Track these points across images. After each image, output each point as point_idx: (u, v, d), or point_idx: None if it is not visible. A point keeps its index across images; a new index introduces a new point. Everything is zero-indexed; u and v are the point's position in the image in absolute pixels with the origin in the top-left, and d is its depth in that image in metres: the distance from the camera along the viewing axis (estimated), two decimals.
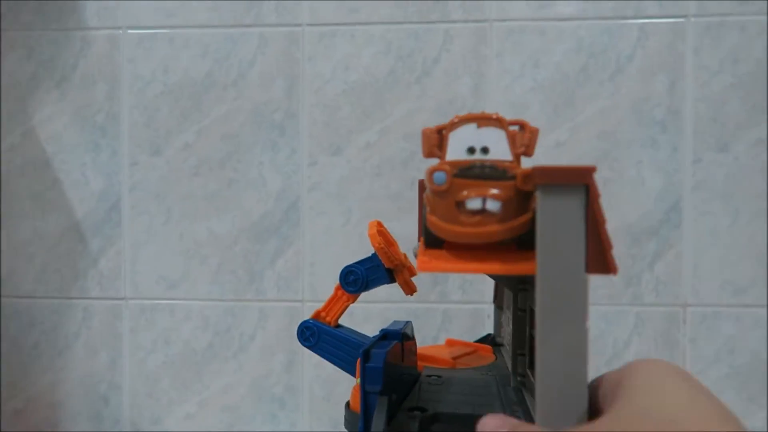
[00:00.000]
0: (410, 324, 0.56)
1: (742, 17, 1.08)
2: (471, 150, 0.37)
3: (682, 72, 1.09)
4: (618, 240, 1.09)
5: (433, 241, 0.37)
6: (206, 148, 1.16)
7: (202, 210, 1.16)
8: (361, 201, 1.14)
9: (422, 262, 0.36)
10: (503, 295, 0.67)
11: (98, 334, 1.18)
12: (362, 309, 1.12)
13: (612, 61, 1.10)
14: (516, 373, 0.53)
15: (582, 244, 0.33)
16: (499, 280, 0.58)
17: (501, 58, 1.12)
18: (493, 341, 0.68)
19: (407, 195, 1.13)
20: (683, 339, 1.09)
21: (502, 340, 0.68)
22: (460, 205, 0.35)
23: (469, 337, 0.71)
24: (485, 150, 0.37)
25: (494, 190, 0.35)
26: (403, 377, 0.50)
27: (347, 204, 1.14)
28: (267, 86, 1.15)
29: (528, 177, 0.35)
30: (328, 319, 0.57)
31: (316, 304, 0.66)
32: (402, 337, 0.51)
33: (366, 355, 0.44)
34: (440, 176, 0.35)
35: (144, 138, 1.17)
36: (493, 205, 0.35)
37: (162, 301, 1.17)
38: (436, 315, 1.13)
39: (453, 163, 0.37)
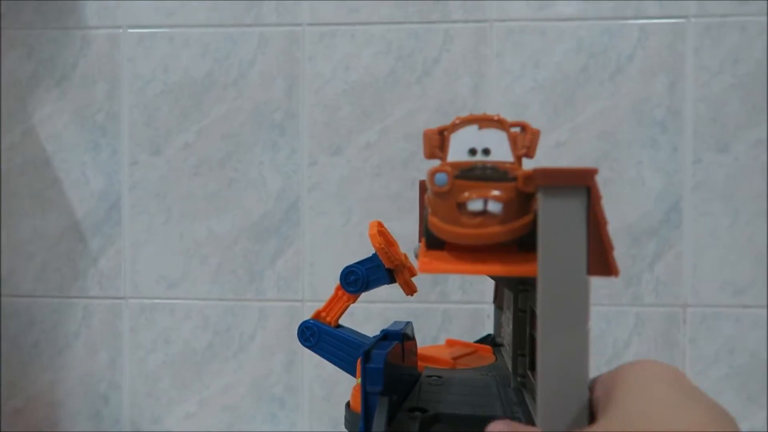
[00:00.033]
0: (411, 324, 0.56)
1: (742, 17, 1.08)
2: (472, 151, 0.37)
3: (682, 72, 1.09)
4: (618, 240, 1.09)
5: (435, 243, 0.37)
6: (206, 147, 1.16)
7: (202, 209, 1.16)
8: (361, 201, 1.14)
9: (423, 263, 0.36)
10: (503, 295, 0.67)
11: (98, 333, 1.18)
12: (362, 309, 1.12)
13: (612, 61, 1.10)
14: (516, 373, 0.53)
15: (583, 246, 0.33)
16: (500, 281, 0.58)
17: (501, 58, 1.12)
18: (493, 342, 0.68)
19: (407, 195, 1.13)
20: (683, 339, 1.09)
21: (503, 340, 0.67)
22: (462, 206, 0.35)
23: (468, 338, 0.71)
24: (487, 151, 0.37)
25: (495, 192, 0.35)
26: (404, 378, 0.50)
27: (347, 204, 1.14)
28: (267, 86, 1.15)
29: (529, 179, 0.34)
30: (328, 319, 0.57)
31: (316, 304, 0.66)
32: (402, 337, 0.51)
33: (367, 355, 0.44)
34: (442, 177, 0.35)
35: (144, 137, 1.17)
36: (494, 207, 0.35)
37: (162, 300, 1.17)
38: (436, 315, 1.13)
39: (454, 165, 0.36)
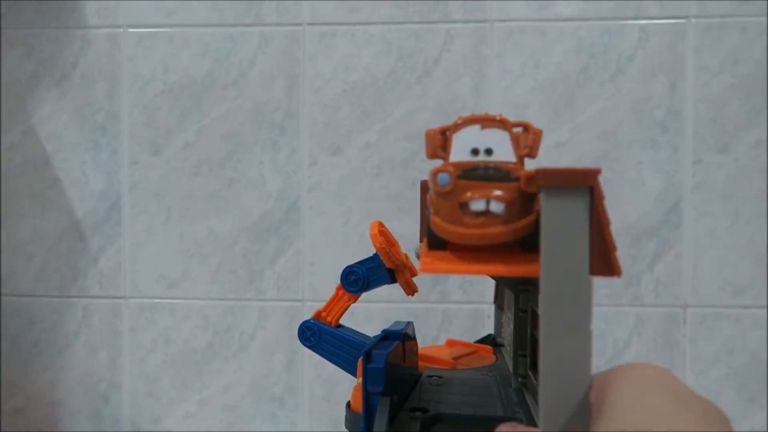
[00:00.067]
0: (411, 324, 0.56)
1: (742, 18, 1.08)
2: (475, 151, 0.37)
3: (682, 73, 1.09)
4: (618, 240, 1.08)
5: (437, 243, 0.37)
6: (206, 147, 1.16)
7: (202, 209, 1.16)
8: (361, 201, 1.14)
9: (425, 264, 0.36)
10: (504, 295, 0.67)
11: (98, 333, 1.18)
12: (363, 309, 1.12)
13: (612, 61, 1.10)
14: (517, 374, 0.53)
15: (586, 247, 0.33)
16: (501, 282, 0.58)
17: (501, 58, 1.12)
18: (493, 342, 0.68)
19: (407, 195, 1.13)
20: (683, 339, 1.09)
21: (503, 340, 0.67)
22: (464, 206, 0.35)
23: (469, 338, 0.71)
24: (489, 151, 0.37)
25: (498, 192, 0.35)
26: (405, 378, 0.50)
27: (347, 204, 1.14)
28: (267, 86, 1.15)
29: (532, 179, 0.34)
30: (329, 319, 0.57)
31: (316, 304, 0.66)
32: (403, 337, 0.51)
33: (368, 355, 0.44)
34: (444, 177, 0.35)
35: (144, 137, 1.17)
36: (496, 207, 0.34)
37: (162, 300, 1.17)
38: (436, 315, 1.13)
39: (456, 165, 0.36)
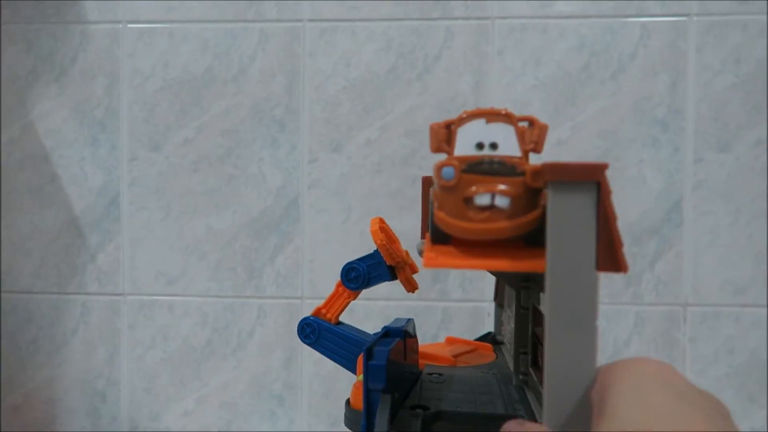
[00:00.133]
0: (412, 321, 0.56)
1: (744, 16, 1.08)
2: (480, 145, 0.37)
3: (683, 71, 1.09)
4: None
5: (440, 237, 0.37)
6: (206, 143, 1.16)
7: (202, 206, 1.16)
8: (361, 198, 1.13)
9: (429, 258, 0.36)
10: (504, 293, 0.67)
11: (96, 329, 1.18)
12: (363, 306, 1.11)
13: (614, 59, 1.10)
14: (518, 371, 0.53)
15: (593, 242, 0.33)
16: (502, 278, 0.58)
17: (502, 55, 1.12)
18: (493, 339, 0.68)
19: (407, 192, 1.12)
20: (683, 338, 1.09)
21: (503, 338, 0.67)
22: (469, 200, 0.35)
23: (468, 336, 0.71)
24: (494, 146, 0.37)
25: (503, 186, 0.34)
26: (405, 375, 0.50)
27: (347, 201, 1.14)
28: (267, 82, 1.15)
29: (538, 173, 0.34)
30: (328, 316, 0.57)
31: (315, 301, 0.66)
32: (404, 334, 0.51)
33: (369, 352, 0.44)
34: (449, 171, 0.35)
35: (143, 133, 1.16)
36: (502, 201, 0.34)
37: (161, 297, 1.17)
38: (436, 313, 1.13)
39: (461, 159, 0.36)
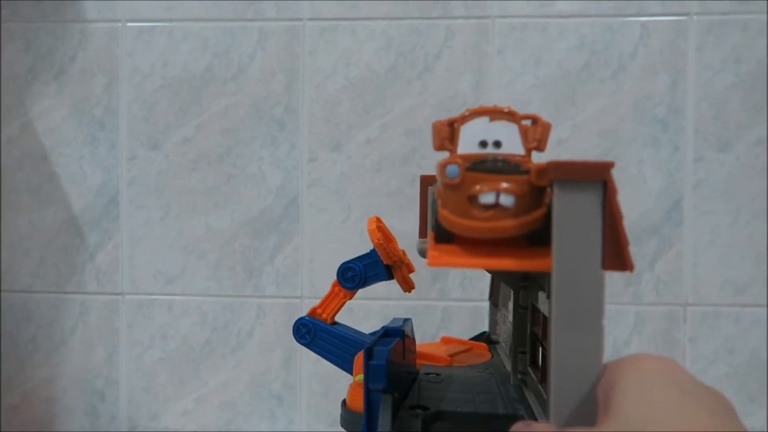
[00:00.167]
0: (410, 321, 0.56)
1: (744, 16, 1.07)
2: (483, 143, 0.37)
3: (684, 70, 1.09)
4: None
5: (444, 236, 0.36)
6: (205, 142, 1.15)
7: (201, 205, 1.16)
8: (360, 197, 1.13)
9: (432, 257, 0.36)
10: (499, 292, 0.67)
11: (95, 329, 1.17)
12: (362, 306, 1.11)
13: (614, 58, 1.10)
14: (516, 370, 0.53)
15: (599, 241, 0.32)
16: (500, 277, 0.57)
17: (502, 55, 1.11)
18: (488, 339, 0.68)
19: (407, 192, 1.12)
20: (683, 338, 1.09)
21: (498, 337, 0.68)
22: (473, 199, 0.34)
23: (468, 336, 0.71)
24: (497, 144, 0.37)
25: (508, 185, 0.34)
26: (404, 375, 0.50)
27: (347, 200, 1.14)
28: (267, 81, 1.14)
29: (543, 172, 0.34)
30: (324, 316, 0.57)
31: (314, 301, 0.66)
32: (403, 334, 0.50)
33: (369, 353, 0.44)
34: (453, 169, 0.35)
35: (142, 132, 1.16)
36: (506, 200, 0.34)
37: (160, 296, 1.16)
38: (436, 312, 1.12)
39: (465, 157, 0.36)
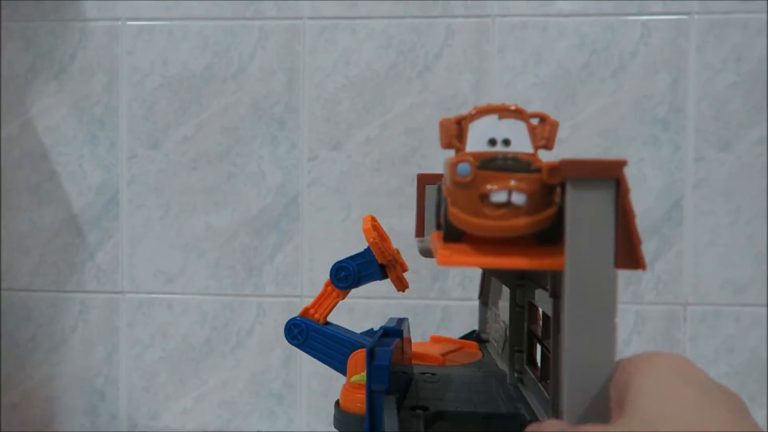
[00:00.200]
0: (407, 321, 0.56)
1: (745, 15, 1.07)
2: (492, 141, 0.37)
3: (684, 70, 1.09)
4: None
5: (453, 235, 0.36)
6: (205, 141, 1.15)
7: (201, 204, 1.15)
8: (360, 196, 1.13)
9: (443, 256, 0.35)
10: (489, 291, 0.67)
11: (95, 327, 1.17)
12: (362, 305, 1.11)
13: (614, 58, 1.10)
14: (513, 369, 0.53)
15: (611, 239, 0.32)
16: (495, 275, 0.57)
17: (503, 54, 1.11)
18: (478, 338, 0.69)
19: (407, 191, 1.12)
20: (683, 338, 1.09)
21: (488, 336, 0.68)
22: (484, 197, 0.34)
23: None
24: (507, 142, 0.37)
25: (520, 183, 0.34)
26: (402, 376, 0.50)
27: (347, 199, 1.13)
28: (267, 80, 1.14)
29: (555, 170, 0.34)
30: (316, 316, 0.57)
31: None
32: (401, 334, 0.51)
33: (371, 353, 0.44)
34: (464, 167, 0.34)
35: (142, 131, 1.16)
36: (518, 198, 0.34)
37: (159, 295, 1.16)
38: (436, 312, 1.12)
39: (475, 155, 0.36)
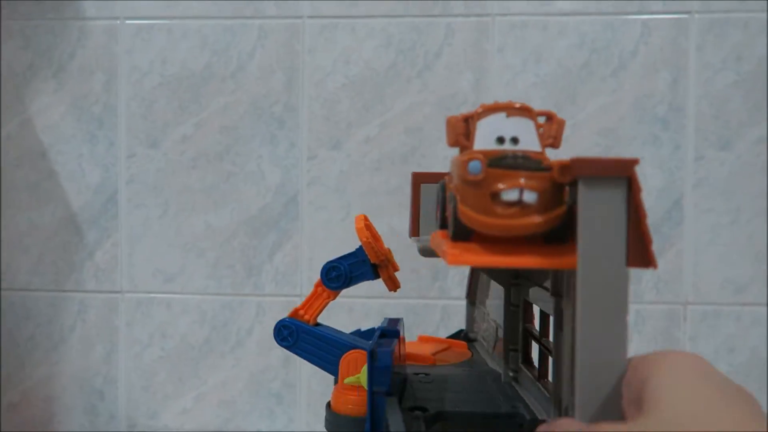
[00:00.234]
0: (401, 321, 0.56)
1: (745, 14, 1.07)
2: (500, 140, 0.36)
3: (684, 69, 1.09)
4: None
5: (461, 234, 0.36)
6: (204, 140, 1.15)
7: (200, 203, 1.15)
8: (360, 196, 1.13)
9: (453, 255, 0.35)
10: (476, 290, 0.67)
11: (94, 327, 1.17)
12: (362, 304, 1.11)
13: (614, 57, 1.10)
14: (508, 368, 0.53)
15: (623, 238, 0.32)
16: (490, 275, 0.57)
17: (503, 53, 1.11)
18: (465, 337, 0.69)
19: (407, 190, 1.11)
20: (683, 337, 1.09)
21: (476, 335, 0.68)
22: (495, 196, 0.34)
23: None
24: (515, 140, 0.36)
25: (531, 181, 0.34)
26: (399, 377, 0.50)
27: (346, 198, 1.13)
28: (266, 79, 1.14)
29: (566, 168, 0.33)
30: (306, 317, 0.56)
31: None
32: (398, 334, 0.50)
33: (372, 354, 0.44)
34: (476, 165, 0.34)
35: (141, 130, 1.16)
36: (530, 197, 0.33)
37: (159, 294, 1.16)
38: (436, 311, 1.12)
39: (485, 153, 0.35)
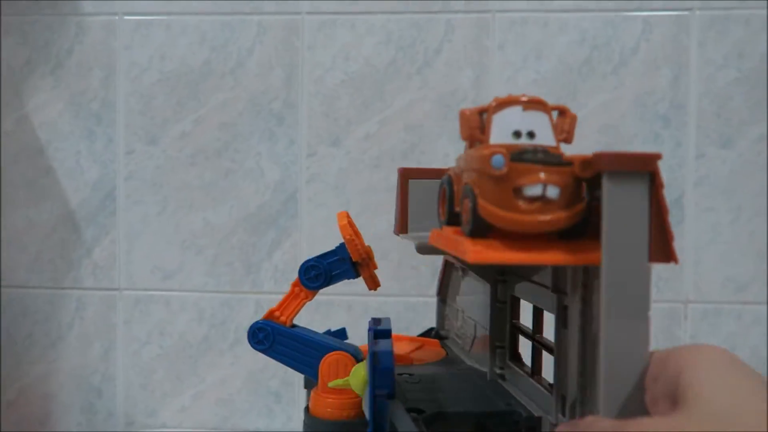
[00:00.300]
0: (389, 321, 0.56)
1: (746, 11, 1.07)
2: (517, 134, 0.36)
3: (686, 66, 1.09)
4: None
5: (479, 230, 0.35)
6: (203, 137, 1.14)
7: (199, 200, 1.15)
8: (359, 193, 1.13)
9: (475, 252, 0.34)
10: (447, 287, 0.67)
11: (92, 324, 1.16)
12: (361, 303, 1.10)
13: (615, 53, 1.10)
14: (494, 365, 0.53)
15: (646, 233, 0.32)
16: (476, 272, 0.56)
17: (503, 49, 1.11)
18: (437, 335, 0.68)
19: None
20: (684, 335, 1.09)
21: (447, 333, 0.68)
22: (518, 191, 0.33)
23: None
24: (531, 134, 0.36)
25: (553, 176, 0.33)
26: None
27: (346, 196, 1.13)
28: (265, 75, 1.13)
29: (588, 163, 0.33)
30: (282, 318, 0.55)
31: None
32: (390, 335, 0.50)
33: (374, 356, 0.43)
34: (499, 159, 0.33)
35: (140, 126, 1.15)
36: (552, 192, 0.33)
37: (157, 292, 1.15)
38: (435, 309, 1.12)
39: (504, 147, 0.35)
